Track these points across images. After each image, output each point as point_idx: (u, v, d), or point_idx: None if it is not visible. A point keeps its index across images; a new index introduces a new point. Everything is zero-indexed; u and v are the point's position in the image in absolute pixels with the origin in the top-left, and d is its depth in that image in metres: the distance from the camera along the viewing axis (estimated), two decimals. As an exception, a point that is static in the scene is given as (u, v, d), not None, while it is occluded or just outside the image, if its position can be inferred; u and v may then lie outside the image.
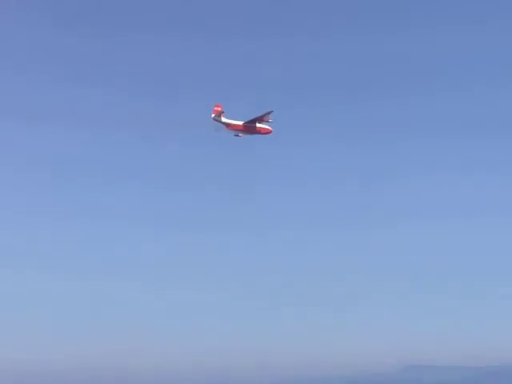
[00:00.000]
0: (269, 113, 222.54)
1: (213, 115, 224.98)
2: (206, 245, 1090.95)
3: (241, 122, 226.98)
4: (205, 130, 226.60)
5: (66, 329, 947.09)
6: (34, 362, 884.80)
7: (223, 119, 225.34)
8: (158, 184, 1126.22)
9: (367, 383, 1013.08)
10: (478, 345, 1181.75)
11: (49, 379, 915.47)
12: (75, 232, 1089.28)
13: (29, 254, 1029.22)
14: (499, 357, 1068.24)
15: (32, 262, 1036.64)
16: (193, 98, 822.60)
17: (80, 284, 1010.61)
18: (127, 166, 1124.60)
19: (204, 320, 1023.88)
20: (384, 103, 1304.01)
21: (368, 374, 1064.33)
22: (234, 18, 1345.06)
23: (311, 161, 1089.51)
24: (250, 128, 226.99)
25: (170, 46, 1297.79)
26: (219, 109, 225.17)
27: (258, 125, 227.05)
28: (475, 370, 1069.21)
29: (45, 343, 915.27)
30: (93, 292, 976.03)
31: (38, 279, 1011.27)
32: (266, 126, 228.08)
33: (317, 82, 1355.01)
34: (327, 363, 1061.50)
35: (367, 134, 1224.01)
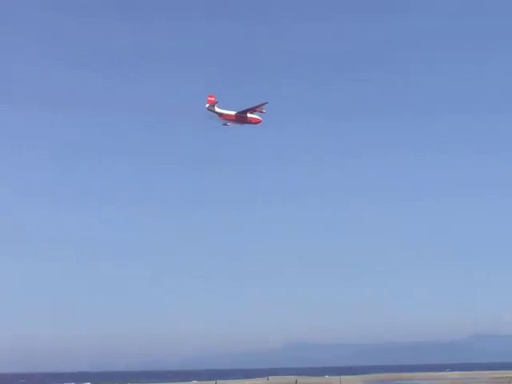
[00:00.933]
0: (264, 104, 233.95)
1: (207, 105, 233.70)
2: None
3: (233, 112, 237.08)
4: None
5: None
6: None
7: (216, 109, 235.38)
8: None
9: (252, 360, 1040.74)
10: (363, 323, 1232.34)
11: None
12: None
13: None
14: (382, 334, 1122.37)
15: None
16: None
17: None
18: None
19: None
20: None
21: (253, 351, 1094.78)
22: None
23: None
24: (241, 118, 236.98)
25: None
26: (213, 99, 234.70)
27: (249, 115, 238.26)
28: (358, 346, 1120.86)
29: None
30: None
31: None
32: (256, 116, 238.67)
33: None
34: (213, 341, 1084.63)
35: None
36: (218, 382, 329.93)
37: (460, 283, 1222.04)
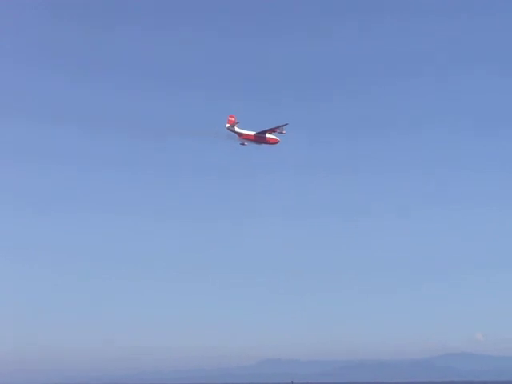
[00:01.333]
0: (284, 125, 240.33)
1: (227, 125, 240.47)
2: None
3: (252, 132, 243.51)
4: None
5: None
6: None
7: (236, 129, 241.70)
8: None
9: (224, 377, 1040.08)
10: (335, 341, 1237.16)
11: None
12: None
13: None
14: (354, 352, 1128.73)
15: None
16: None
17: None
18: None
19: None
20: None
21: (227, 367, 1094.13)
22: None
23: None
24: (260, 138, 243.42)
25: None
26: (233, 119, 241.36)
27: (267, 135, 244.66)
28: (332, 363, 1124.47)
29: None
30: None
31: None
32: (275, 137, 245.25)
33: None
34: (185, 356, 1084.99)
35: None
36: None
37: (432, 302, 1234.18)
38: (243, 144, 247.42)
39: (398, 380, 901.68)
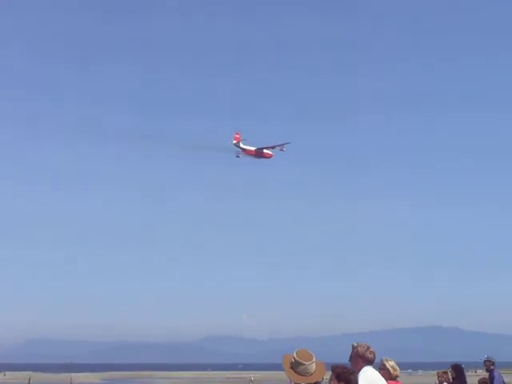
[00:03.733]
0: (285, 143, 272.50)
1: (234, 142, 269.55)
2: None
3: (253, 148, 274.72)
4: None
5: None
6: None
7: (241, 145, 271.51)
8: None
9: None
10: (102, 322, 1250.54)
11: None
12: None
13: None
14: (124, 333, 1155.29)
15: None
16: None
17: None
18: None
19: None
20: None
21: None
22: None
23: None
24: (259, 153, 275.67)
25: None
26: (238, 136, 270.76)
27: (265, 151, 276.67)
28: (102, 344, 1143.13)
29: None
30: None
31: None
32: (270, 152, 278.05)
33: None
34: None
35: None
36: None
37: (205, 285, 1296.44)
38: (238, 156, 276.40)
39: (161, 361, 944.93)
